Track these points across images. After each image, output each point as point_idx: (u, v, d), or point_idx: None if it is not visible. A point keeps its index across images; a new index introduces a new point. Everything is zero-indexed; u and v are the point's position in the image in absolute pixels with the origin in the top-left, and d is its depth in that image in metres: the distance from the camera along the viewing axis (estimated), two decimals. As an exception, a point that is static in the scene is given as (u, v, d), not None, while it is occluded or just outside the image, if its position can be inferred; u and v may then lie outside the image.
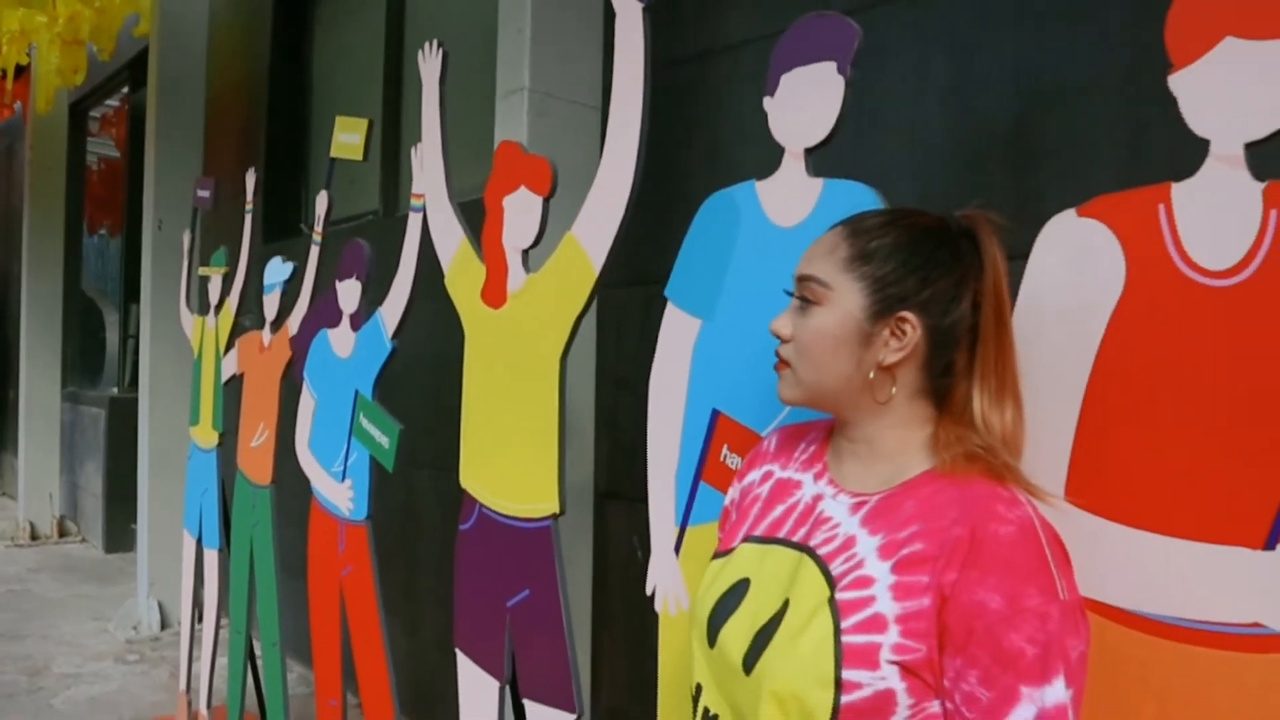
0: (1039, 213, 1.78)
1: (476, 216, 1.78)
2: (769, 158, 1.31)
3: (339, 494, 2.11)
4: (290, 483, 2.40)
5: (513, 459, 1.64)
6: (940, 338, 0.91)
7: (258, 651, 2.65)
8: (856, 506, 0.91)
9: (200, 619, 2.93)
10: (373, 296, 2.08)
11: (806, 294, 0.95)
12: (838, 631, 0.83)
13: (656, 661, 2.46)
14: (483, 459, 1.74)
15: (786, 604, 0.88)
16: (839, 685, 0.81)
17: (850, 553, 0.87)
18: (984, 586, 0.79)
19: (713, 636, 0.94)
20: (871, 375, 0.91)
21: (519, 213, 1.63)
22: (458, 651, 1.79)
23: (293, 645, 2.45)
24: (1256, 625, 0.85)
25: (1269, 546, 0.84)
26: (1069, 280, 1.00)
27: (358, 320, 2.10)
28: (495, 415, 1.69)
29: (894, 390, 0.92)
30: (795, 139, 1.27)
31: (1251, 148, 0.88)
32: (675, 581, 1.40)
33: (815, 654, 0.83)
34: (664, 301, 2.32)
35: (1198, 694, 0.88)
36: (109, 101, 7.10)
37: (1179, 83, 0.92)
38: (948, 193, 1.89)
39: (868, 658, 0.82)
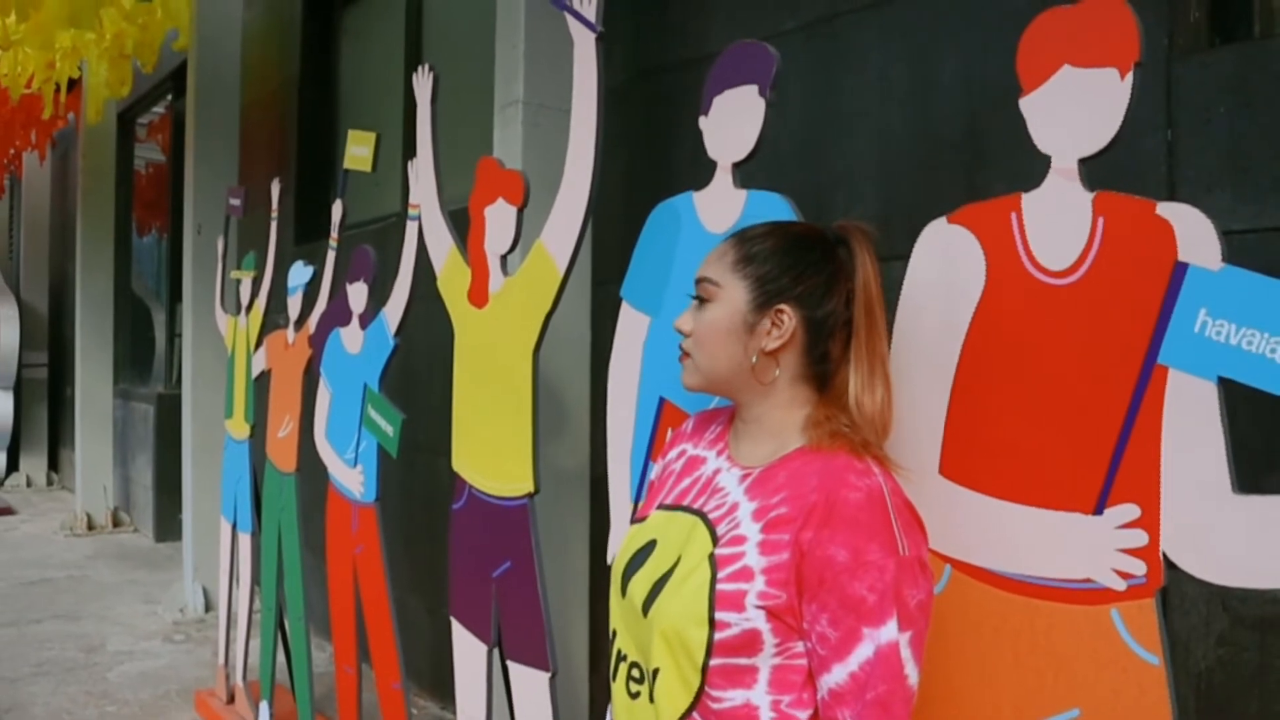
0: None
1: (467, 223, 1.96)
2: (750, 164, 1.45)
3: (351, 479, 2.30)
4: (313, 470, 2.61)
5: (494, 444, 1.82)
6: (815, 327, 1.06)
7: (287, 629, 2.87)
8: (744, 477, 1.07)
9: (236, 600, 3.16)
10: (379, 297, 2.27)
11: (702, 293, 1.11)
12: (714, 580, 0.99)
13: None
14: (470, 444, 1.92)
15: (679, 559, 1.05)
16: (712, 624, 0.97)
17: (732, 516, 1.03)
18: (833, 543, 0.94)
19: (624, 588, 1.11)
20: (755, 360, 1.07)
21: (497, 221, 1.81)
22: (453, 619, 1.97)
23: (318, 620, 2.66)
24: (1088, 580, 0.99)
25: (1097, 512, 0.99)
26: (940, 280, 1.15)
27: (366, 319, 2.29)
28: (479, 405, 1.87)
29: (777, 373, 1.07)
30: (725, 154, 1.43)
31: (1084, 162, 1.02)
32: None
33: (694, 598, 0.99)
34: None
35: (1043, 640, 1.03)
36: (154, 109, 7.41)
37: (1027, 105, 1.06)
38: (907, 194, 2.02)
39: (736, 602, 0.98)
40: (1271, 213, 1.54)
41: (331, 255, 2.65)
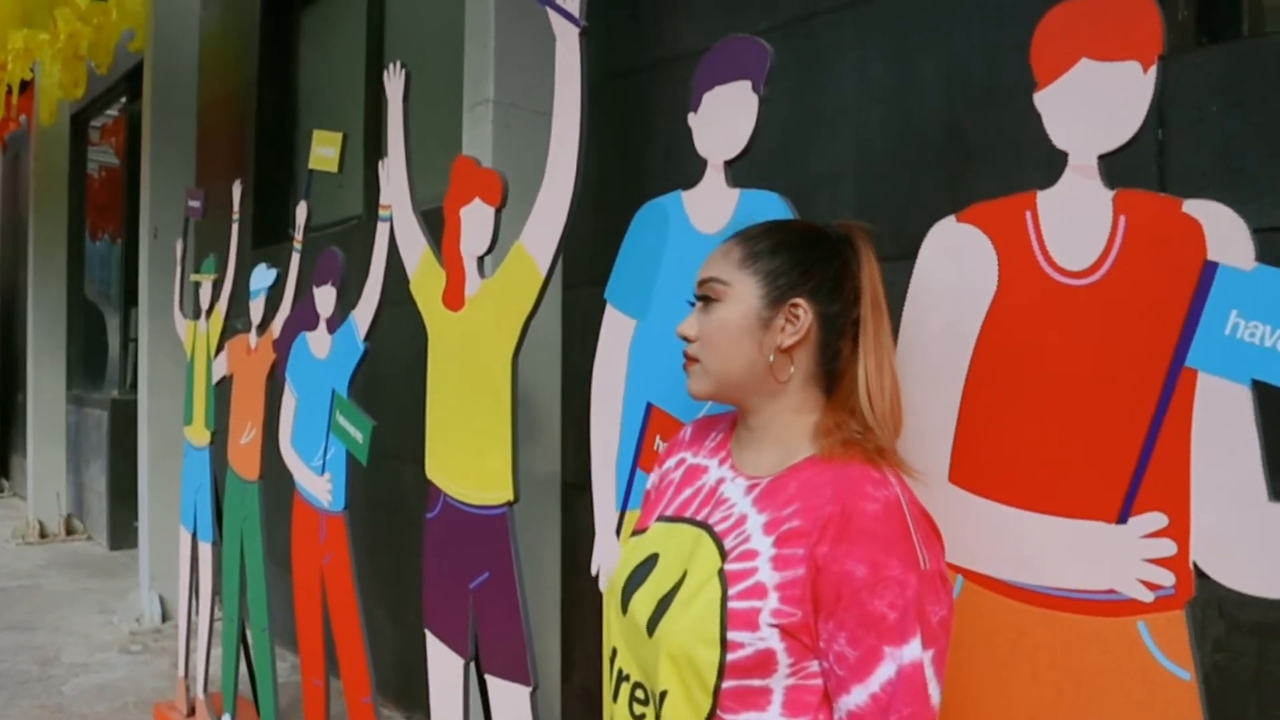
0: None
1: (439, 224, 1.89)
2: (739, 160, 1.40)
3: (319, 487, 2.22)
4: (277, 478, 2.52)
5: (471, 451, 1.75)
6: (829, 323, 1.02)
7: (250, 639, 2.77)
8: (750, 488, 1.02)
9: (197, 610, 3.05)
10: (348, 301, 2.19)
11: (708, 293, 1.05)
12: (725, 598, 0.93)
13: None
14: (445, 452, 1.84)
15: (685, 574, 0.99)
16: (724, 644, 0.91)
17: (740, 529, 0.98)
18: (851, 558, 0.89)
19: (625, 605, 1.05)
20: (772, 358, 1.01)
21: (474, 222, 1.74)
22: (427, 632, 1.90)
23: (281, 631, 2.57)
24: (1111, 591, 0.95)
25: (1121, 520, 0.94)
26: (950, 281, 1.10)
27: (334, 323, 2.21)
28: (456, 411, 1.80)
29: (792, 370, 1.02)
30: (716, 152, 1.37)
31: (1104, 159, 0.98)
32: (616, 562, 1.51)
33: (703, 617, 0.93)
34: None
35: (1062, 654, 0.98)
36: (109, 111, 7.23)
37: (1043, 100, 1.02)
38: (887, 194, 1.99)
39: (749, 620, 0.92)
40: (1264, 213, 1.52)
41: (296, 258, 2.56)
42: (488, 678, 1.74)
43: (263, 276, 2.72)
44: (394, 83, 1.98)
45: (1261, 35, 1.67)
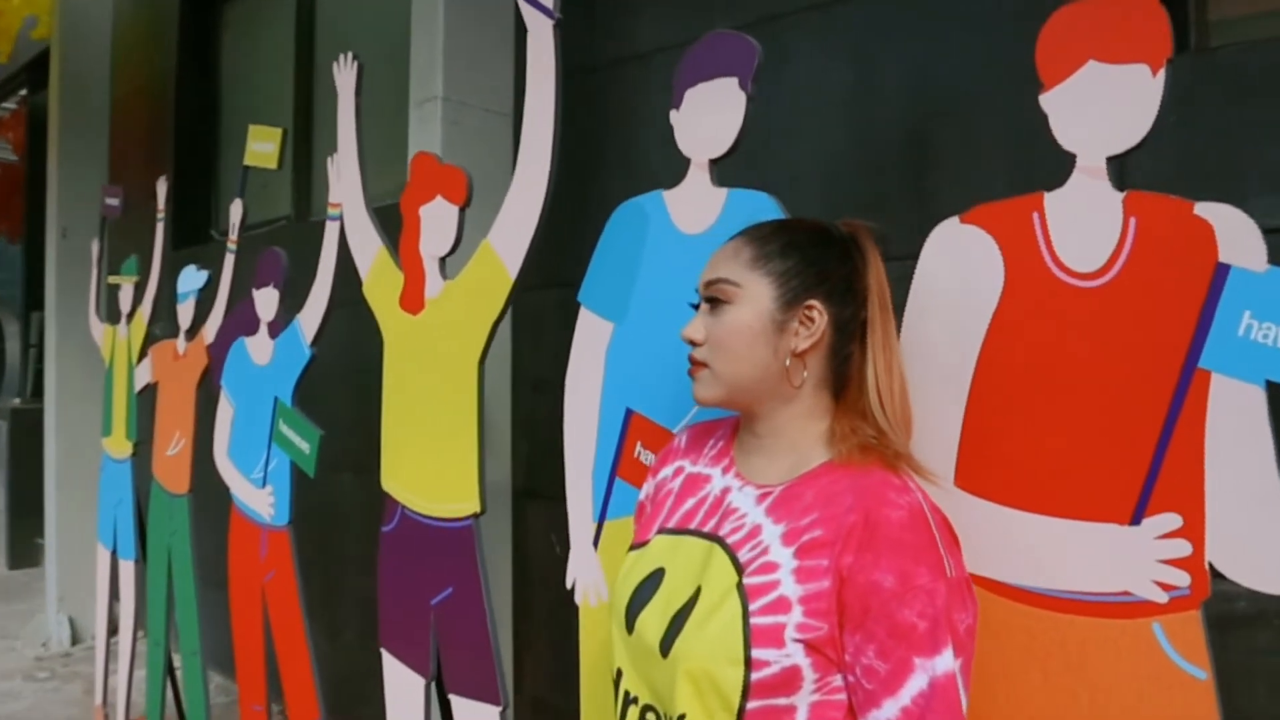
0: (936, 215, 1.89)
1: (387, 222, 1.82)
2: (681, 163, 1.38)
3: (260, 500, 2.11)
4: (208, 491, 2.39)
5: (433, 461, 1.68)
6: (842, 326, 1.00)
7: (176, 663, 2.63)
8: (761, 497, 0.98)
9: (116, 632, 2.88)
10: (290, 303, 2.09)
11: (718, 295, 1.00)
12: (746, 613, 0.89)
13: (578, 653, 2.52)
14: (403, 461, 1.77)
15: (699, 590, 0.95)
16: (748, 663, 0.88)
17: (756, 540, 0.94)
18: (878, 568, 0.87)
19: (631, 623, 1.00)
20: (788, 362, 0.99)
21: (436, 221, 1.67)
22: (384, 651, 1.82)
23: (212, 655, 2.44)
24: (1125, 593, 0.95)
25: (1134, 522, 0.94)
26: (954, 283, 1.09)
27: (276, 327, 2.11)
28: (415, 419, 1.73)
29: (805, 374, 0.99)
30: (700, 150, 1.34)
31: (1112, 161, 0.98)
32: (594, 574, 1.47)
33: (725, 634, 0.89)
34: (570, 309, 2.39)
35: (1075, 658, 0.97)
36: (5, 104, 6.84)
37: (1049, 101, 1.01)
38: (849, 198, 1.99)
39: (774, 637, 0.88)
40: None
41: (230, 259, 2.44)
42: (452, 698, 1.66)
43: (192, 278, 2.58)
44: (345, 75, 1.90)
45: (1209, 50, 1.72)
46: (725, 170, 1.35)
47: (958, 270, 1.08)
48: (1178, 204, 0.94)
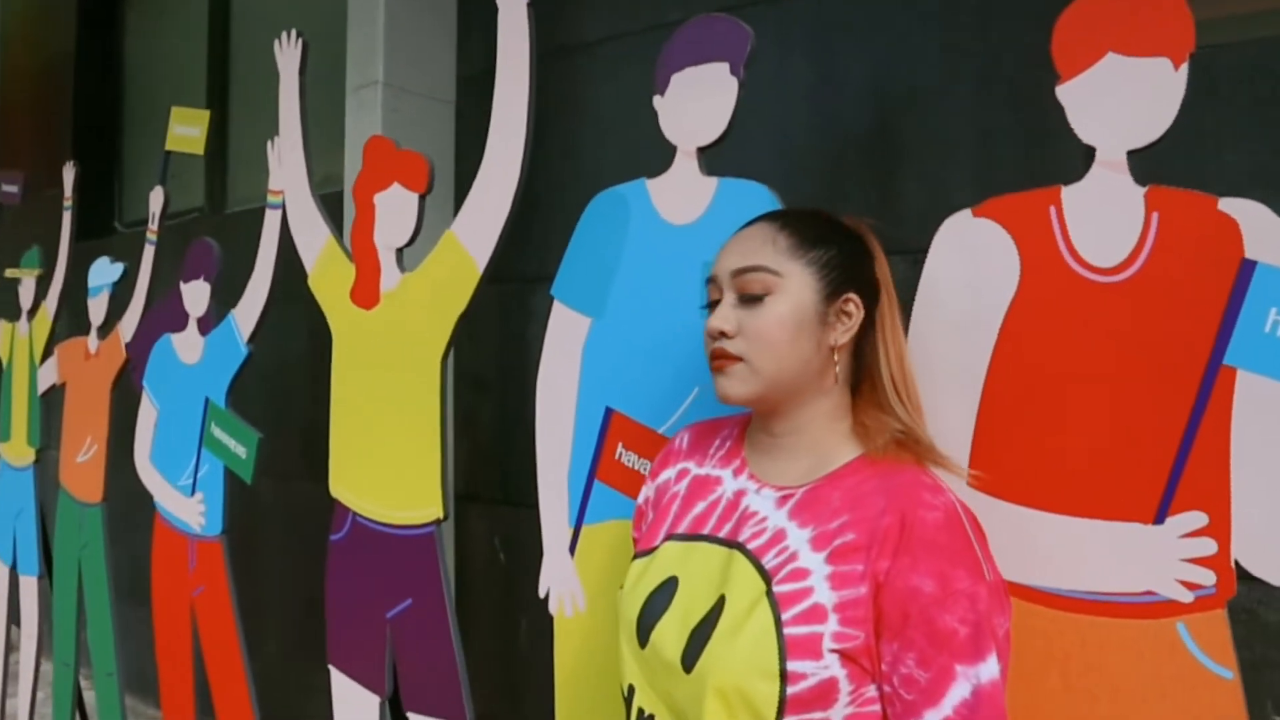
0: (899, 211, 1.88)
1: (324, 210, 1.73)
2: (629, 155, 1.32)
3: (188, 509, 1.97)
4: (125, 499, 2.23)
5: (390, 464, 1.59)
6: (869, 321, 0.97)
7: (84, 684, 2.44)
8: (782, 500, 0.94)
9: (16, 654, 2.67)
10: (223, 298, 1.96)
11: (753, 286, 0.94)
12: (779, 624, 0.85)
13: (524, 665, 2.45)
14: (356, 466, 1.67)
15: (722, 600, 0.89)
16: (784, 677, 0.83)
17: (782, 546, 0.89)
18: (915, 572, 0.83)
19: (644, 636, 0.94)
20: (836, 358, 0.95)
21: (392, 210, 1.58)
22: (332, 669, 1.71)
23: (130, 677, 2.27)
24: (1148, 593, 0.93)
25: (1158, 521, 0.93)
26: (966, 277, 1.06)
27: (206, 323, 1.97)
28: (370, 420, 1.63)
29: (837, 371, 0.96)
30: (687, 138, 1.29)
31: (1133, 154, 0.97)
32: (570, 582, 1.40)
33: (757, 647, 0.84)
34: (522, 300, 2.30)
35: (1096, 660, 0.96)
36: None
37: (1066, 93, 0.99)
38: (812, 194, 1.96)
39: (811, 648, 0.84)
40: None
41: (150, 250, 2.28)
42: (411, 716, 1.57)
43: (105, 271, 2.40)
44: (287, 55, 1.78)
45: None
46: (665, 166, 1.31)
47: (970, 265, 1.05)
48: (1201, 199, 0.93)
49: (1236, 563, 0.90)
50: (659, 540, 1.01)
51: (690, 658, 0.88)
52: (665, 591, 0.94)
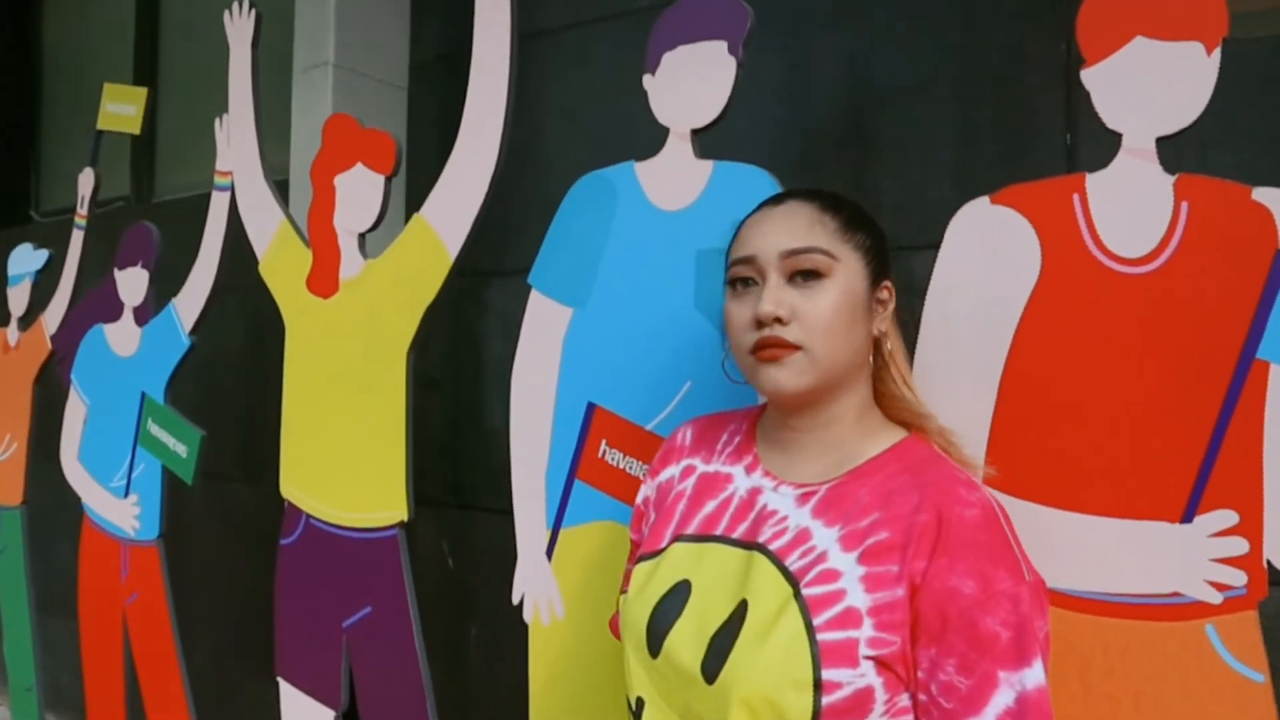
0: (876, 207, 1.85)
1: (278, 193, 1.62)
2: (592, 144, 1.25)
3: (121, 512, 1.84)
4: (49, 502, 2.08)
5: (349, 463, 1.49)
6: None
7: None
8: (803, 498, 0.88)
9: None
10: (162, 287, 1.83)
11: (812, 266, 0.87)
12: (810, 629, 0.79)
13: (475, 676, 2.35)
14: (311, 465, 1.57)
15: (744, 605, 0.83)
16: (818, 686, 0.77)
17: (807, 546, 0.84)
18: (955, 572, 0.78)
19: (655, 645, 0.87)
20: (889, 346, 0.91)
21: (355, 193, 1.49)
22: (281, 681, 1.60)
23: (52, 691, 2.12)
24: (1175, 595, 0.90)
25: (1186, 519, 0.89)
26: (983, 266, 1.02)
27: (144, 313, 1.84)
28: (328, 415, 1.53)
29: (871, 362, 0.92)
30: (681, 119, 1.23)
31: (1162, 142, 0.93)
32: (547, 588, 1.32)
33: (788, 655, 0.78)
34: (475, 295, 2.21)
35: (1118, 665, 0.92)
36: None
37: (1091, 77, 0.96)
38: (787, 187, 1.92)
39: (846, 654, 0.78)
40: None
41: (79, 235, 2.13)
42: (371, 729, 1.48)
43: (27, 259, 2.25)
44: (239, 26, 1.67)
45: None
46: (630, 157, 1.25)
47: (988, 255, 1.01)
48: (1233, 188, 0.90)
49: (1268, 562, 0.87)
50: (665, 542, 0.94)
51: (712, 667, 0.81)
52: (677, 596, 0.88)
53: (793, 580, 0.82)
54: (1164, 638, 0.91)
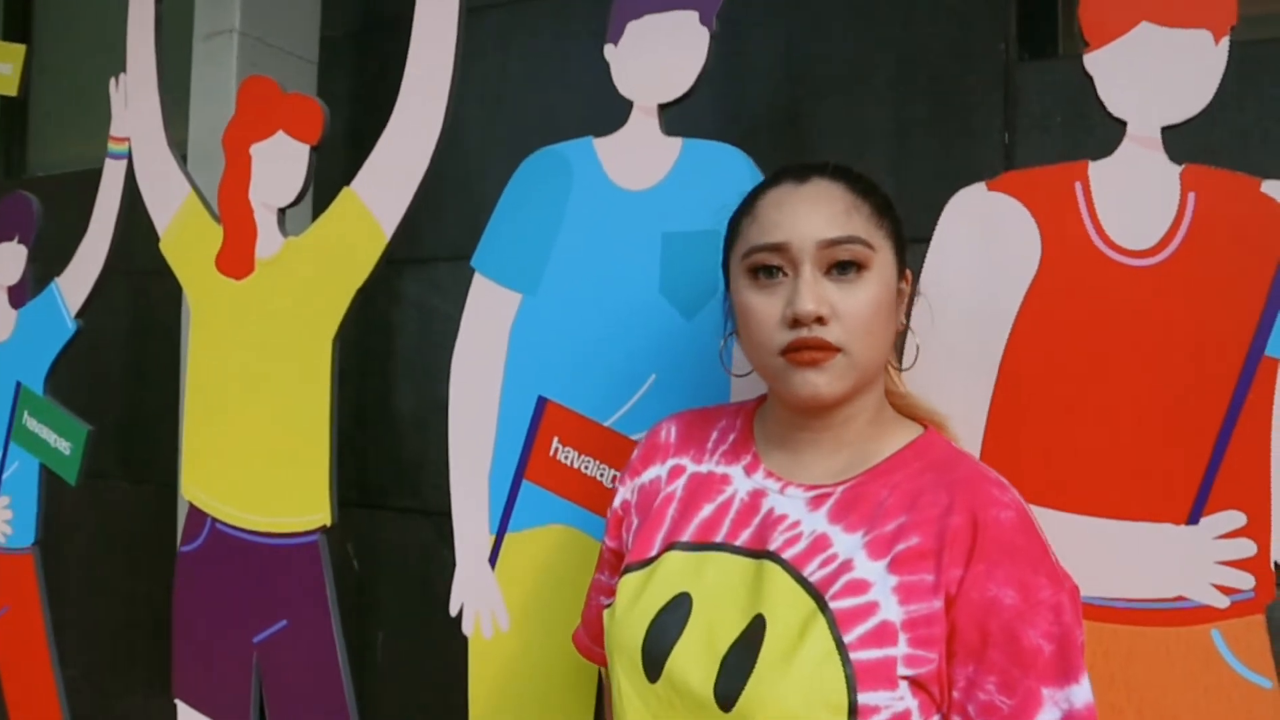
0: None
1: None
2: (520, 125, 1.16)
3: (-11, 516, 1.64)
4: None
5: (266, 463, 1.35)
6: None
7: None
8: (816, 501, 0.80)
9: None
10: (46, 265, 1.64)
11: (852, 258, 0.77)
12: (841, 648, 0.71)
13: (382, 685, 2.21)
14: (218, 464, 1.41)
15: (760, 620, 0.74)
16: (854, 711, 0.69)
17: (828, 554, 0.76)
18: (993, 580, 0.71)
19: (654, 667, 0.78)
20: (920, 342, 0.88)
21: (274, 163, 1.35)
22: (178, 703, 1.44)
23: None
24: (1180, 599, 0.86)
25: (1192, 521, 0.86)
26: (979, 255, 0.97)
27: (19, 294, 1.64)
28: (239, 410, 1.39)
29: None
30: (647, 93, 1.14)
31: (1168, 130, 0.90)
32: (490, 598, 1.21)
33: (818, 677, 0.70)
34: (387, 283, 2.07)
35: (1121, 671, 0.88)
36: None
37: (1094, 62, 0.92)
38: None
39: (884, 675, 0.70)
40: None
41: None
42: (285, 756, 1.34)
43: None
44: (142, -22, 1.51)
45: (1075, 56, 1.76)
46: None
47: (984, 244, 0.96)
48: (1242, 180, 0.87)
49: (1276, 565, 0.85)
50: (656, 550, 0.85)
51: (728, 692, 0.72)
52: (676, 611, 0.79)
53: (815, 592, 0.74)
54: (1168, 644, 0.88)
